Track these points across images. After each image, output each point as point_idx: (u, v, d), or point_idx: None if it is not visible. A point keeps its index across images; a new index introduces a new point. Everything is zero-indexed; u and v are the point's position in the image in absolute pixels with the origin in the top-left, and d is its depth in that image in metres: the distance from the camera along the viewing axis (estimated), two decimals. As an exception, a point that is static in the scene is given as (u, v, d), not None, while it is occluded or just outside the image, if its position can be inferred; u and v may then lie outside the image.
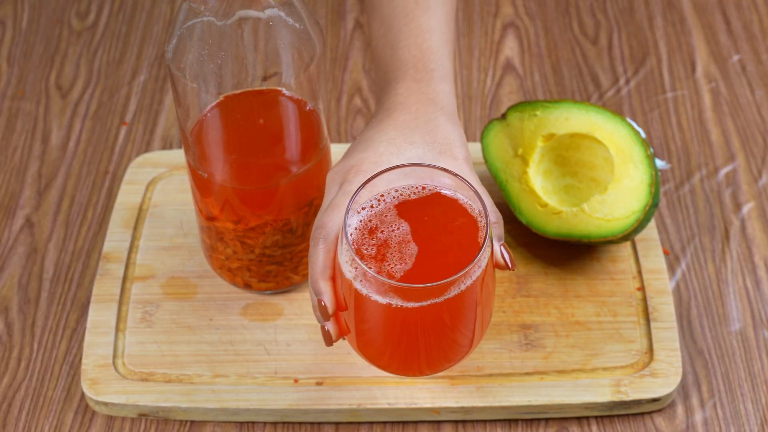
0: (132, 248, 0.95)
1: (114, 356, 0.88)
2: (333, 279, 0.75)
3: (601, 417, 0.86)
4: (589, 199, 0.89)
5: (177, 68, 0.78)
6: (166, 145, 1.06)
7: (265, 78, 0.78)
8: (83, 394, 0.88)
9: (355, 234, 0.74)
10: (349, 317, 0.75)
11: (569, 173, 0.94)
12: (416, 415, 0.86)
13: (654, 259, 0.93)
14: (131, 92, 1.10)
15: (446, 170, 0.74)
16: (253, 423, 0.86)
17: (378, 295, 0.71)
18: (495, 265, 0.75)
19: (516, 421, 0.86)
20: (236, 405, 0.85)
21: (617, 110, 1.07)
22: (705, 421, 0.86)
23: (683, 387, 0.88)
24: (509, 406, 0.85)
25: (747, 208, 0.99)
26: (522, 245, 0.94)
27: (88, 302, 0.93)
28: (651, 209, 0.88)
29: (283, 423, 0.86)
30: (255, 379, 0.86)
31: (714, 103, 1.08)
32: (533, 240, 0.94)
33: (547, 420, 0.86)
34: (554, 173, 0.94)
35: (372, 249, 0.73)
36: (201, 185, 0.85)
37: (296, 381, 0.86)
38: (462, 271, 0.70)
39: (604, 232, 0.88)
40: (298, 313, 0.90)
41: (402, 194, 0.76)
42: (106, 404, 0.86)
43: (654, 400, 0.85)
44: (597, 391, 0.85)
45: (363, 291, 0.72)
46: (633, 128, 0.90)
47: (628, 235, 0.88)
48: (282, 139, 0.82)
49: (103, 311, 0.90)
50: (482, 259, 0.72)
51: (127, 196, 0.98)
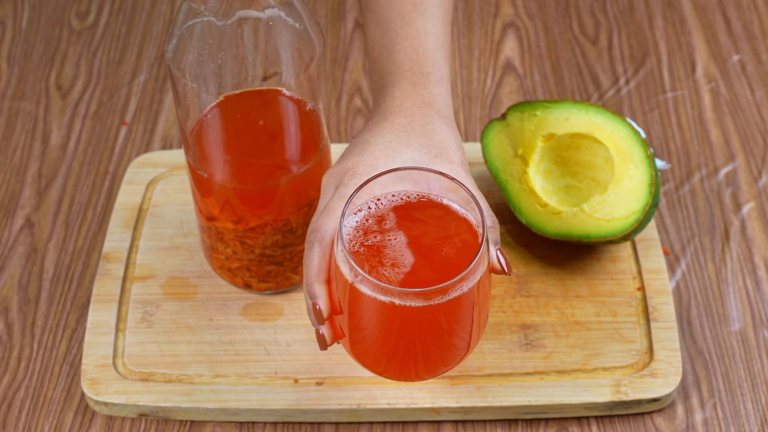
0: (132, 248, 0.95)
1: (114, 356, 0.88)
2: (328, 282, 0.74)
3: (601, 417, 0.86)
4: (589, 199, 0.89)
5: (177, 68, 0.78)
6: (166, 145, 1.05)
7: (265, 78, 0.78)
8: (83, 394, 0.88)
9: (351, 237, 0.73)
10: (344, 321, 0.75)
11: (569, 173, 0.94)
12: (416, 415, 0.86)
13: (654, 259, 0.93)
14: (131, 92, 1.10)
15: (442, 174, 0.74)
16: (253, 423, 0.86)
17: (373, 299, 0.71)
18: (491, 270, 0.75)
19: (516, 421, 0.86)
20: (236, 405, 0.85)
21: (617, 110, 1.07)
22: (705, 421, 0.86)
23: (683, 387, 0.88)
24: (509, 406, 0.85)
25: (747, 208, 0.99)
26: (522, 245, 0.94)
27: (88, 302, 0.93)
28: (651, 209, 0.88)
29: (283, 423, 0.86)
30: (255, 379, 0.86)
31: (714, 103, 1.08)
32: (533, 240, 0.94)
33: (547, 420, 0.86)
34: (554, 173, 0.94)
35: (368, 252, 0.73)
36: (201, 185, 0.85)
37: (296, 381, 0.86)
38: (459, 275, 0.70)
39: (604, 232, 0.88)
40: (298, 313, 0.90)
41: (398, 197, 0.75)
42: (106, 404, 0.86)
43: (654, 400, 0.85)
44: (597, 391, 0.85)
45: (358, 294, 0.71)
46: (633, 128, 0.90)
47: (628, 235, 0.88)
48: (282, 139, 0.82)
49: (103, 311, 0.90)
50: (479, 263, 0.71)
51: (127, 196, 0.98)
